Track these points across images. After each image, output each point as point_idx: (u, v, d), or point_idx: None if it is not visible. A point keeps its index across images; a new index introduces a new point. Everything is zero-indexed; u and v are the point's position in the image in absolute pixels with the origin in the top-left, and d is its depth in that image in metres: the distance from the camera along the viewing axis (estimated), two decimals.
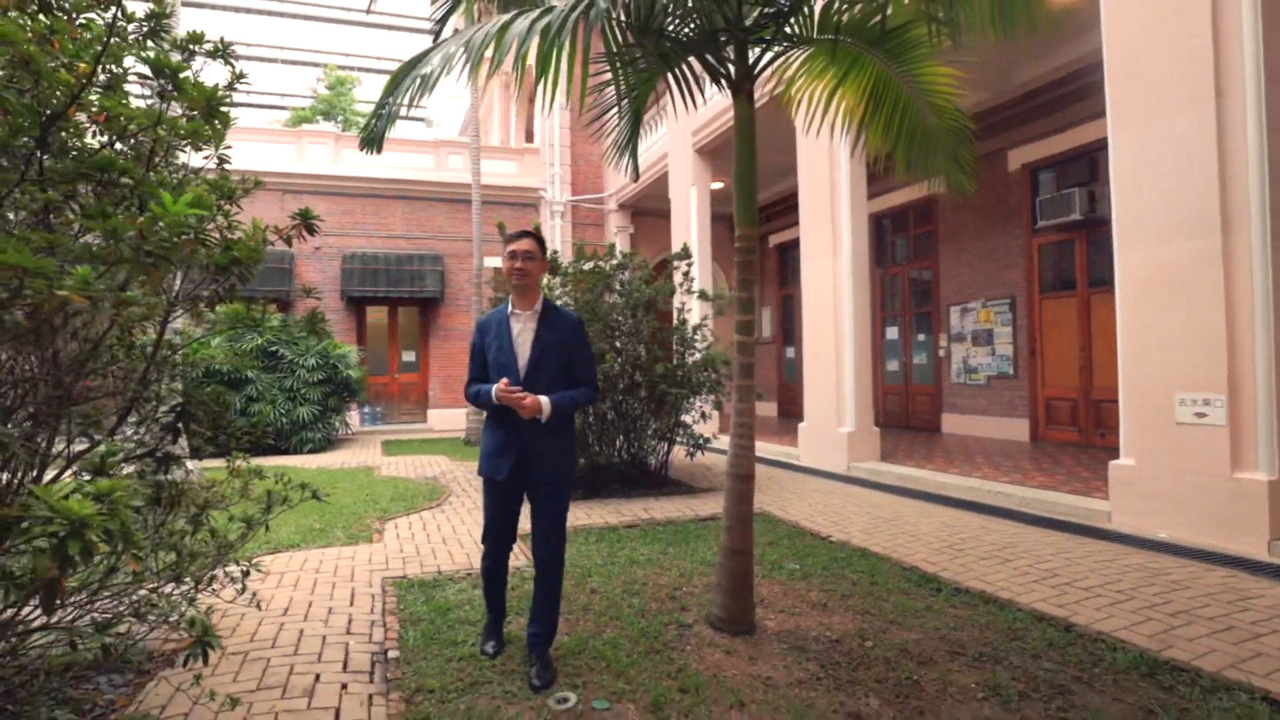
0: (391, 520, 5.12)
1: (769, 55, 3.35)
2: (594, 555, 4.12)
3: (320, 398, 9.62)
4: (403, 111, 3.23)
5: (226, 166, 2.16)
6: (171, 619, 1.78)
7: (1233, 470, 4.06)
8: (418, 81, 3.11)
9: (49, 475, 1.71)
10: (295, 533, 4.60)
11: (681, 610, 3.19)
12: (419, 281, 12.70)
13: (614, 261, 6.38)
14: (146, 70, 1.57)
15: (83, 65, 1.32)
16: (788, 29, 3.33)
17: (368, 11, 12.96)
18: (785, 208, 12.62)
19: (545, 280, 6.47)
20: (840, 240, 7.27)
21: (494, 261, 12.88)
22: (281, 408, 9.13)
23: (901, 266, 10.98)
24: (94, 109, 1.37)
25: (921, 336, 10.52)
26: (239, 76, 2.02)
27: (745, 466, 3.03)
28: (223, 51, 2.01)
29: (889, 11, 3.22)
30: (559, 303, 6.27)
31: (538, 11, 3.02)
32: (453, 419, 12.99)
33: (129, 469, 1.73)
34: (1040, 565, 3.81)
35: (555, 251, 9.25)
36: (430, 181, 13.41)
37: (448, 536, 4.65)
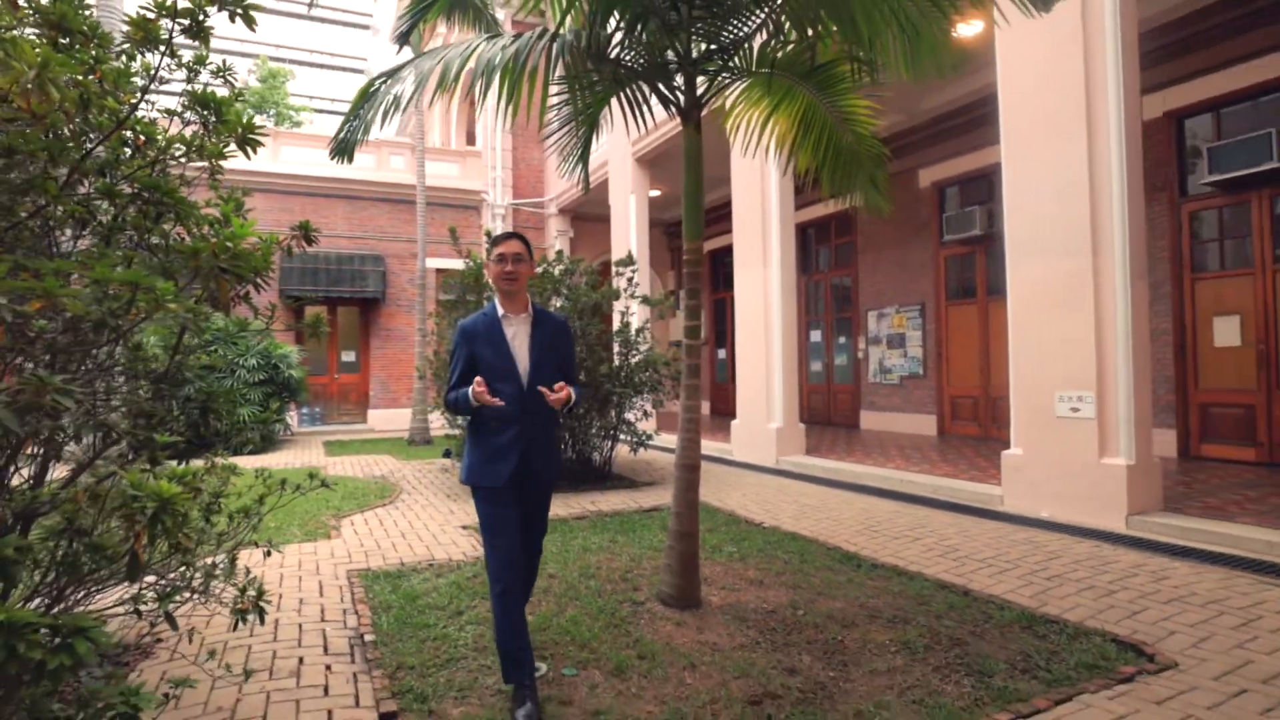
0: (346, 518, 5.16)
1: (714, 85, 3.65)
2: (549, 545, 4.31)
3: (261, 398, 9.37)
4: (376, 125, 3.34)
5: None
6: (215, 589, 1.90)
7: (1100, 457, 4.65)
8: (391, 97, 3.25)
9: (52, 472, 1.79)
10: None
11: (634, 590, 3.44)
12: (360, 281, 12.47)
13: (561, 267, 6.57)
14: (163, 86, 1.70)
15: (125, 96, 1.44)
16: (730, 62, 3.64)
17: (310, 7, 12.50)
18: (718, 216, 13.03)
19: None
20: (770, 252, 7.70)
21: (436, 263, 12.79)
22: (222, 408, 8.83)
23: (824, 274, 11.60)
24: (135, 133, 1.49)
25: (842, 339, 11.16)
26: (238, 95, 2.13)
27: (692, 458, 3.31)
28: (224, 72, 2.13)
29: (817, 50, 3.59)
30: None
31: (508, 38, 3.23)
32: (393, 419, 12.81)
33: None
34: (944, 542, 4.28)
35: (470, 250, 9.30)
36: (372, 181, 13.16)
37: (405, 531, 4.75)
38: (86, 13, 1.63)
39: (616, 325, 6.93)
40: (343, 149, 3.45)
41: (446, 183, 13.86)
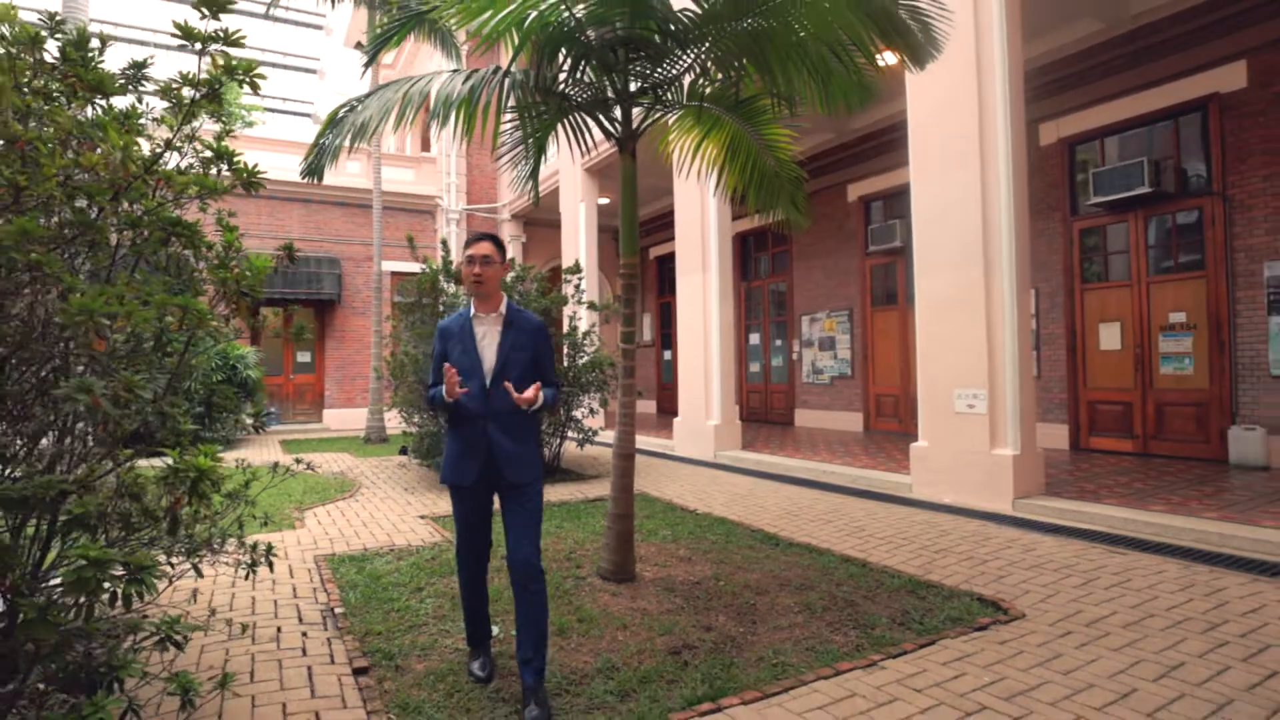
0: (309, 510, 5.33)
1: (649, 117, 4.01)
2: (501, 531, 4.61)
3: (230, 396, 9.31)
4: (345, 150, 3.58)
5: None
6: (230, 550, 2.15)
7: (991, 448, 5.20)
8: (359, 124, 3.50)
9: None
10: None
11: (577, 567, 3.77)
12: (316, 284, 12.41)
13: (513, 274, 6.83)
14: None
15: (149, 145, 1.69)
16: (663, 97, 4.00)
17: (269, 9, 12.27)
18: (664, 224, 13.46)
19: (453, 289, 6.82)
20: (709, 259, 8.13)
21: (391, 265, 12.83)
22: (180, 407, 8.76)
23: (763, 280, 12.14)
24: (157, 175, 1.74)
25: (779, 342, 11.71)
26: (227, 131, 2.36)
27: (627, 447, 3.67)
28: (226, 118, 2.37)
29: (741, 87, 3.99)
30: (442, 312, 6.62)
31: (467, 73, 3.53)
32: (348, 419, 12.79)
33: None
34: (853, 525, 4.74)
35: (427, 257, 9.47)
36: (328, 186, 13.08)
37: (366, 521, 4.96)
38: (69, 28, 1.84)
39: (566, 328, 7.24)
40: (312, 171, 3.67)
41: (402, 188, 13.88)
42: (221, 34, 1.69)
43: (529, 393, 2.37)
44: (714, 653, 2.65)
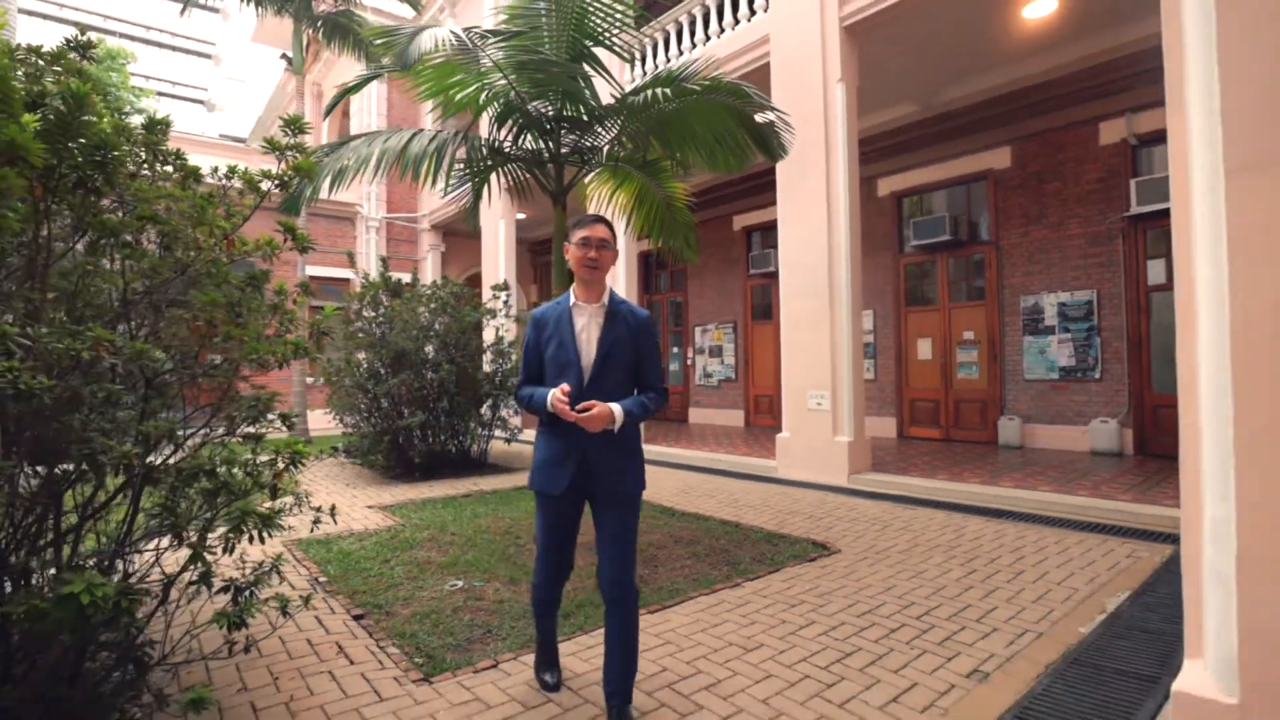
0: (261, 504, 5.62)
1: (577, 175, 4.79)
2: (447, 515, 5.22)
3: (133, 401, 9.01)
4: (324, 190, 4.08)
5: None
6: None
7: (833, 436, 6.39)
8: (338, 170, 4.05)
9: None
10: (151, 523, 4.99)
11: (517, 538, 4.48)
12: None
13: (449, 289, 7.36)
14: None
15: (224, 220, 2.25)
16: (588, 159, 4.80)
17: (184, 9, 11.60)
18: None
19: (388, 301, 7.23)
20: (618, 275, 8.98)
21: (314, 270, 12.69)
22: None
23: (663, 294, 13.18)
24: (225, 239, 2.30)
25: (676, 349, 12.78)
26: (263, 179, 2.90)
27: None
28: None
29: (647, 152, 4.85)
30: (375, 325, 7.02)
31: (433, 134, 4.17)
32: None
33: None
34: (731, 498, 5.75)
35: (368, 272, 9.75)
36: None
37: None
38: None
39: (491, 338, 7.83)
40: (290, 206, 4.15)
41: (322, 193, 13.67)
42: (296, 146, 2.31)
43: (596, 411, 1.99)
44: None
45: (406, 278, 8.30)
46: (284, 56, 11.89)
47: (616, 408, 2.05)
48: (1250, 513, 1.40)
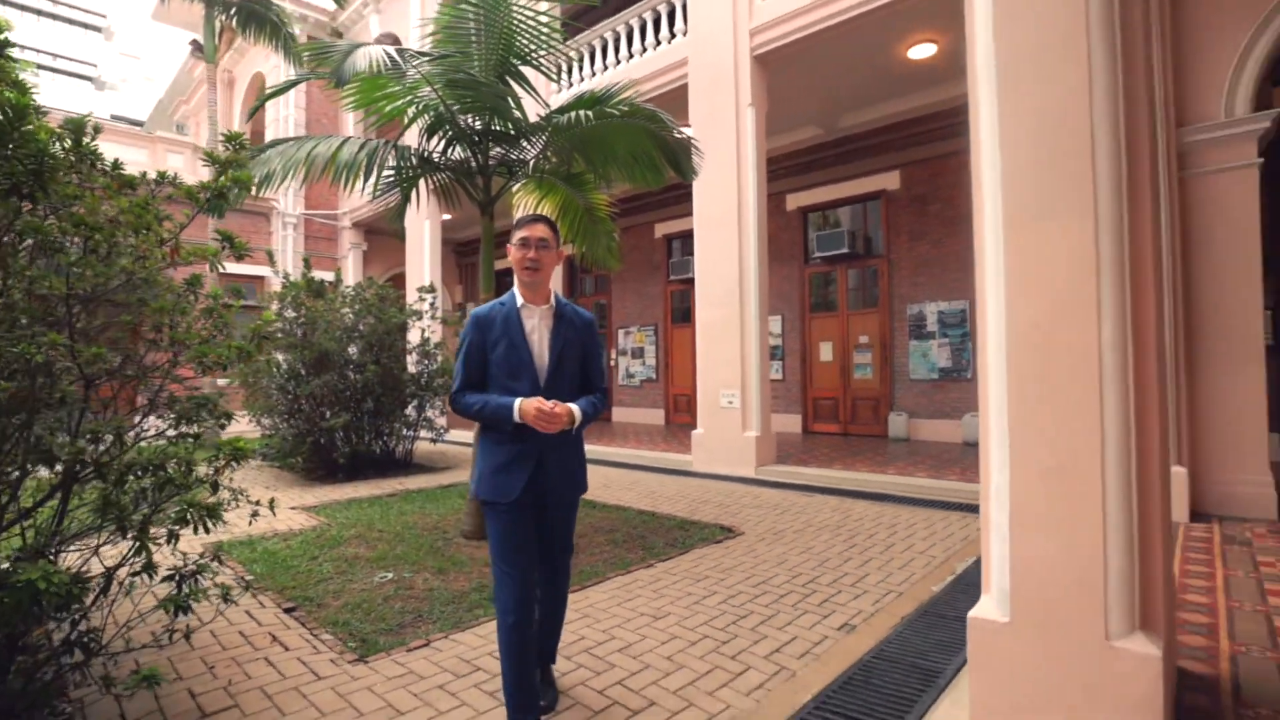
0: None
1: (505, 186, 4.98)
2: (374, 513, 5.26)
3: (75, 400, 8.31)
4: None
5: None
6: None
7: (742, 431, 6.87)
8: (266, 175, 4.05)
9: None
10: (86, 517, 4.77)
11: (444, 533, 4.62)
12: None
13: (373, 291, 7.30)
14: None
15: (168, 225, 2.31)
16: (515, 171, 4.99)
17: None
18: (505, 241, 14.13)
19: (310, 303, 7.10)
20: None
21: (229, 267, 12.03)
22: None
23: (588, 297, 13.41)
24: (169, 248, 2.37)
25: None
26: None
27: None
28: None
29: (571, 166, 5.10)
30: (296, 325, 6.91)
31: (362, 141, 4.25)
32: None
33: None
34: (649, 491, 6.10)
35: (289, 273, 9.45)
36: (153, 181, 11.89)
37: (241, 514, 5.26)
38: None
39: (416, 339, 7.82)
40: (215, 208, 4.09)
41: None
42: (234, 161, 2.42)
43: (561, 410, 1.97)
44: None
45: (329, 277, 8.15)
46: (194, 43, 11.24)
47: (575, 408, 2.03)
48: (1018, 479, 1.85)
